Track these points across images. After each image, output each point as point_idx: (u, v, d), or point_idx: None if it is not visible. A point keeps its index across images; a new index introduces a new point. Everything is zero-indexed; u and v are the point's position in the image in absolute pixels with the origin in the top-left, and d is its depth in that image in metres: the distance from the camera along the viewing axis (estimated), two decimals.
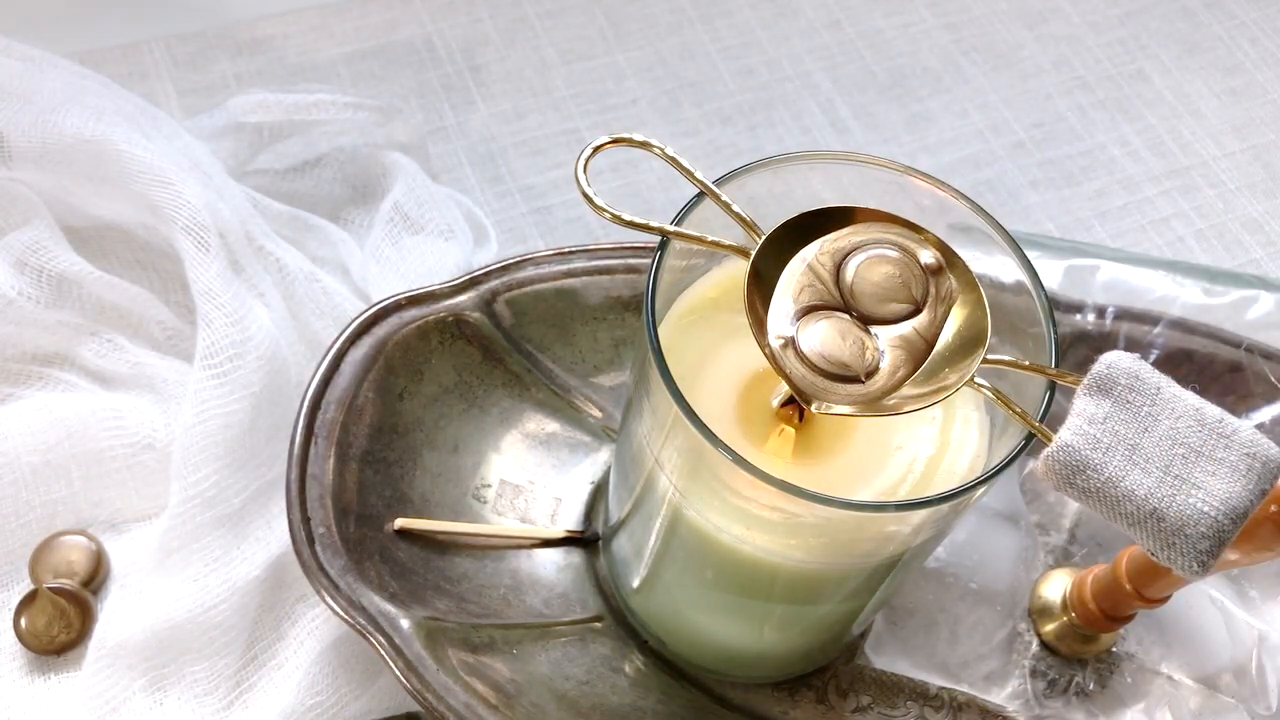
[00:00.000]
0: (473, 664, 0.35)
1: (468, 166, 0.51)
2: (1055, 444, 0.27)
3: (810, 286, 0.28)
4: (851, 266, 0.28)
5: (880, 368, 0.27)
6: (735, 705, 0.38)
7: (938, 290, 0.28)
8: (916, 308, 0.28)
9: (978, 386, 0.28)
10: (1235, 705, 0.38)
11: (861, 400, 0.27)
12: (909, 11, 0.58)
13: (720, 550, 0.31)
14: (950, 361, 0.27)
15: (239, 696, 0.37)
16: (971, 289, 0.28)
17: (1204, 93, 0.56)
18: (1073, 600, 0.38)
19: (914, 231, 0.28)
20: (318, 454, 0.37)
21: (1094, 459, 0.26)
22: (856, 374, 0.27)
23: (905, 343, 0.27)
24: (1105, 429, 0.27)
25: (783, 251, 0.28)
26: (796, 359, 0.27)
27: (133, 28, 0.52)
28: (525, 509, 0.40)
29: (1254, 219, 0.53)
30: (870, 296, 0.28)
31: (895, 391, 0.27)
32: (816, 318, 0.27)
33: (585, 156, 0.29)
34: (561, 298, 0.41)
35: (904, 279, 0.28)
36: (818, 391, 0.27)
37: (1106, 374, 0.27)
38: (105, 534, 0.40)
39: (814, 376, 0.27)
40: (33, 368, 0.41)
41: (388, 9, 0.55)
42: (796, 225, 0.28)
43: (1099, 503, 0.27)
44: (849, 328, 0.27)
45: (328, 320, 0.42)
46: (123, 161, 0.40)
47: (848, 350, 0.27)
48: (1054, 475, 0.27)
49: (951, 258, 0.28)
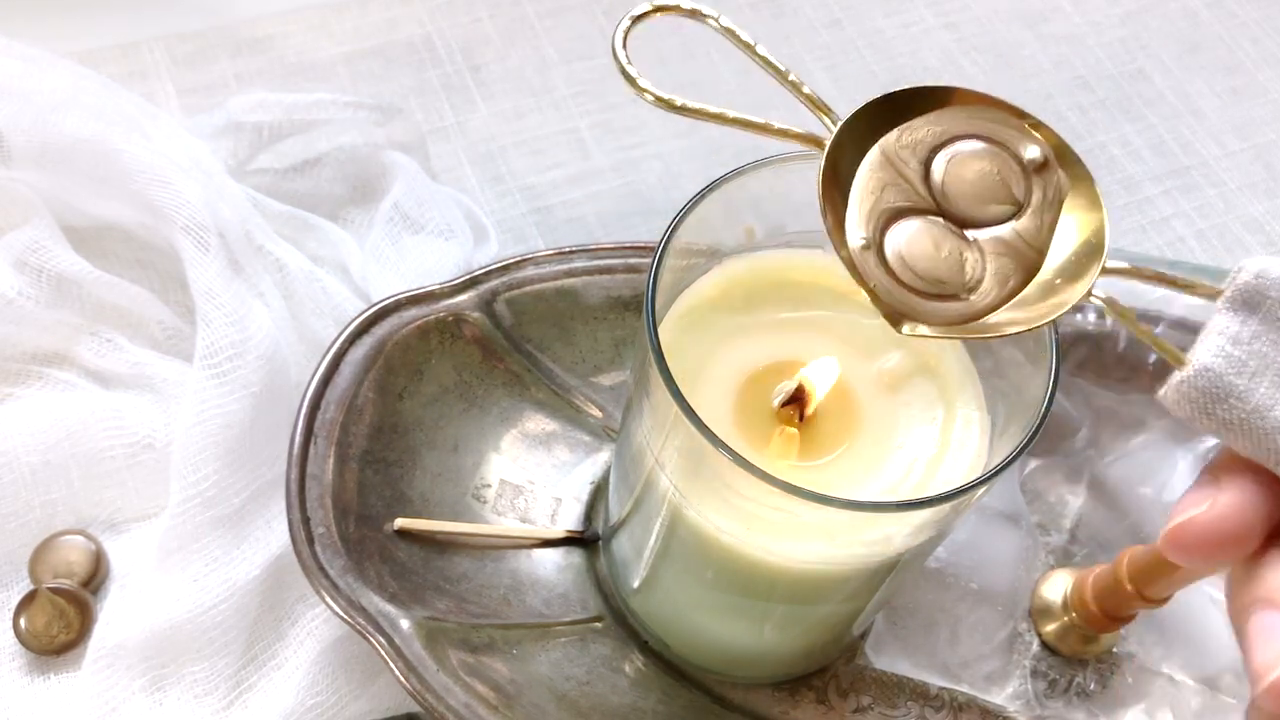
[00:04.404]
0: (473, 664, 0.35)
1: (467, 166, 0.51)
2: (1191, 368, 0.23)
3: (894, 185, 0.23)
4: (940, 163, 0.24)
5: (982, 283, 0.23)
6: (735, 705, 0.38)
7: (1044, 189, 0.24)
8: (1018, 209, 0.24)
9: (1096, 301, 0.24)
10: (1236, 706, 0.38)
11: (960, 321, 0.23)
12: (909, 11, 0.58)
13: (720, 550, 0.31)
14: (1062, 272, 0.23)
15: (239, 697, 0.37)
16: (1084, 184, 0.24)
17: (1205, 92, 0.56)
18: (1073, 600, 0.38)
19: (1016, 117, 0.24)
20: (317, 454, 0.37)
21: (1238, 385, 0.23)
22: (954, 290, 0.23)
23: (1010, 250, 0.23)
24: (1251, 350, 0.23)
25: (862, 140, 0.24)
26: (882, 270, 0.23)
27: (132, 27, 0.52)
28: (525, 509, 0.40)
29: (1255, 219, 0.53)
30: (966, 197, 0.23)
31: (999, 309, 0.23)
32: (904, 222, 0.23)
33: (624, 28, 0.26)
34: (561, 297, 0.41)
35: (1002, 176, 0.24)
36: (908, 309, 0.23)
37: (1254, 286, 0.23)
38: (105, 534, 0.40)
39: (902, 291, 0.23)
40: (32, 367, 0.41)
41: (387, 8, 0.55)
42: (875, 110, 0.24)
43: (1242, 436, 0.23)
44: (944, 235, 0.23)
45: (327, 320, 0.42)
46: (122, 161, 0.40)
47: (943, 262, 0.23)
48: (1188, 405, 0.23)
49: (1062, 148, 0.24)
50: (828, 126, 0.25)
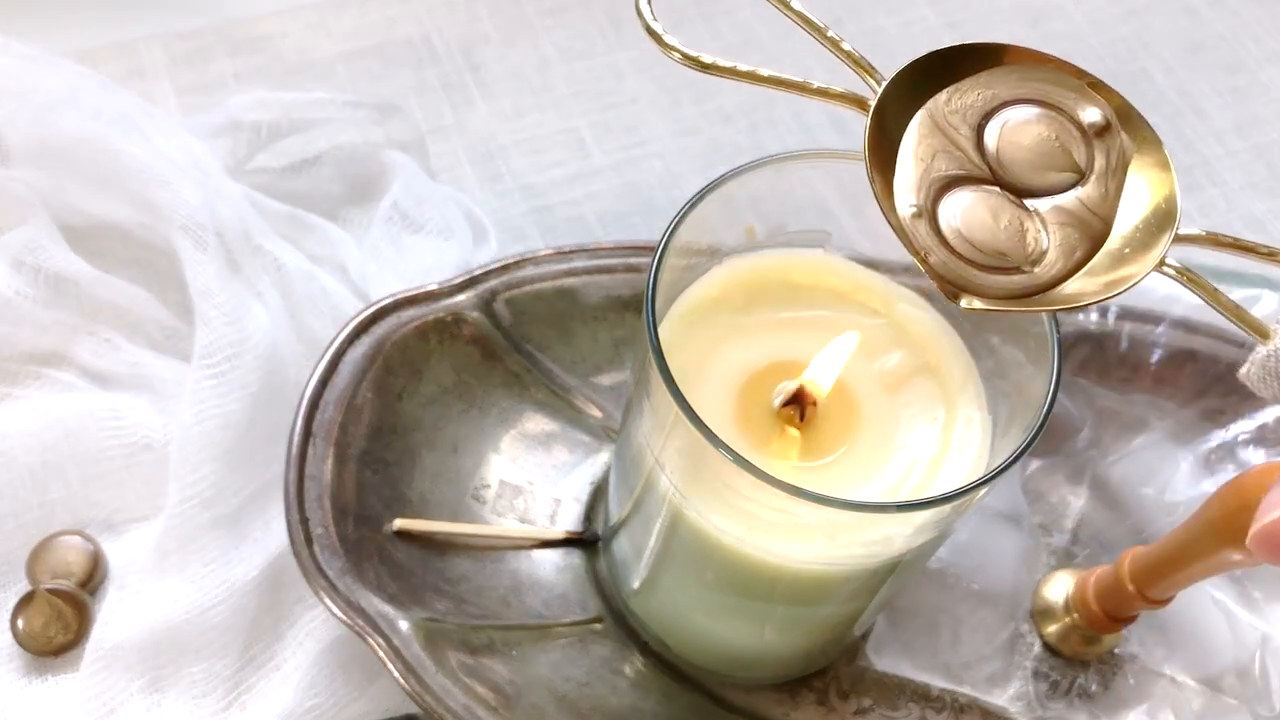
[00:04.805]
0: (472, 665, 0.35)
1: (467, 165, 0.50)
2: (1275, 341, 0.22)
3: (946, 153, 0.22)
4: (994, 129, 0.23)
5: (1045, 254, 0.22)
6: (736, 707, 0.37)
7: (1107, 154, 0.22)
8: (1080, 176, 0.22)
9: (1169, 271, 0.23)
10: (1238, 707, 0.38)
11: (1023, 294, 0.21)
12: (910, 9, 0.58)
13: (721, 551, 0.30)
14: (1131, 241, 0.22)
15: (237, 698, 0.37)
16: (1152, 147, 0.23)
17: (1206, 91, 0.56)
18: (1075, 601, 0.38)
19: (1074, 76, 0.23)
20: (316, 454, 0.37)
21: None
22: (1017, 263, 0.22)
23: (1074, 219, 0.22)
24: None
25: (908, 102, 0.23)
26: (935, 239, 0.22)
27: (131, 26, 0.52)
28: (525, 509, 0.40)
29: (1257, 218, 0.53)
30: (1024, 165, 0.22)
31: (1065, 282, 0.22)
32: (958, 191, 0.22)
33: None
34: (561, 297, 0.41)
35: (1061, 141, 0.22)
36: (965, 281, 0.21)
37: None
38: (103, 534, 0.40)
39: (958, 263, 0.22)
40: (30, 367, 0.41)
41: (386, 7, 0.54)
42: (921, 70, 0.23)
43: None
44: (1003, 204, 0.22)
45: (326, 320, 0.42)
46: (120, 160, 0.40)
47: (1003, 233, 0.22)
48: (1275, 381, 0.22)
49: (1126, 110, 0.23)
50: (872, 87, 0.24)
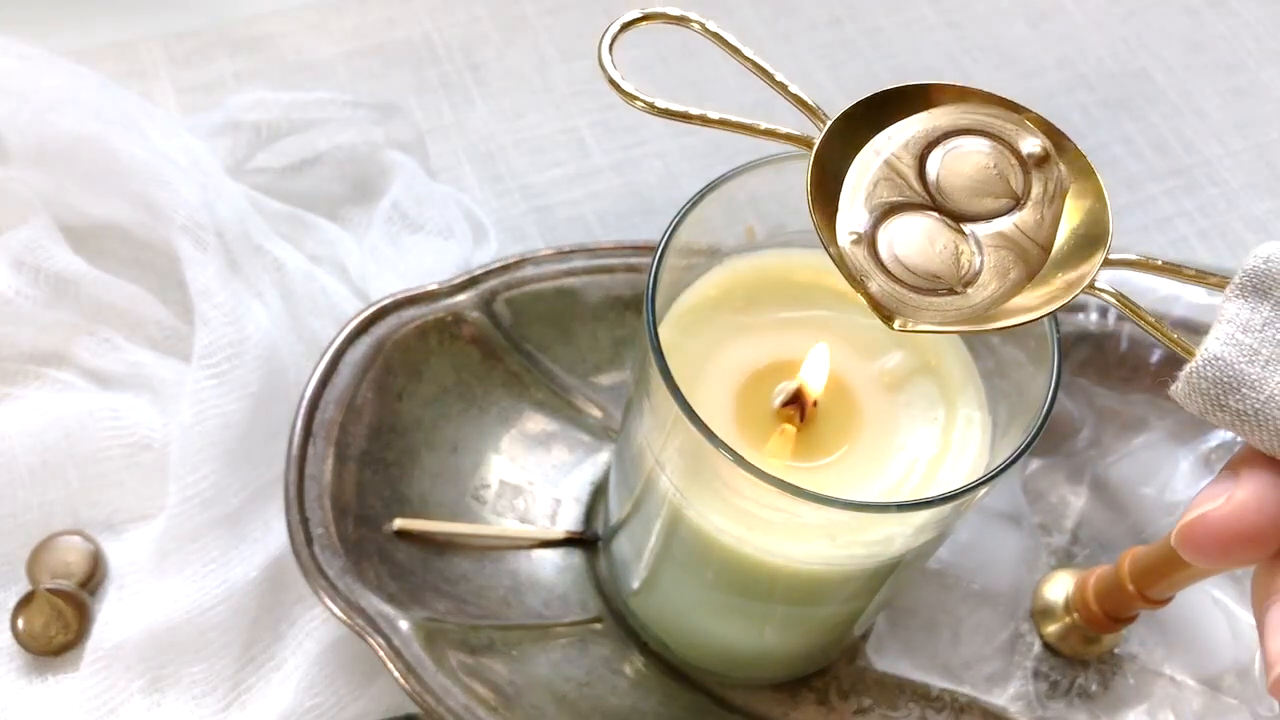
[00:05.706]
0: (472, 665, 0.35)
1: (467, 165, 0.50)
2: (1200, 358, 0.23)
3: (887, 180, 0.23)
4: (936, 158, 0.24)
5: (978, 276, 0.23)
6: (736, 707, 0.37)
7: (1045, 183, 0.24)
8: (1016, 202, 0.23)
9: (1098, 292, 0.24)
10: (1238, 706, 0.38)
11: (957, 316, 0.22)
12: (911, 9, 0.58)
13: (721, 551, 0.30)
14: (1065, 265, 0.23)
15: (237, 698, 0.37)
16: (1086, 176, 0.24)
17: (1207, 91, 0.56)
18: (1075, 601, 0.38)
19: (1011, 111, 0.24)
20: (316, 454, 0.37)
21: (1250, 374, 0.22)
22: (950, 285, 0.23)
23: (1010, 243, 0.23)
24: (1264, 338, 0.22)
25: (852, 139, 0.24)
26: (873, 265, 0.23)
27: (130, 26, 0.52)
28: (525, 509, 0.40)
29: (1257, 218, 0.53)
30: (962, 191, 0.23)
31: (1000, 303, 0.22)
32: (897, 218, 0.23)
33: (612, 33, 0.25)
34: (561, 297, 0.41)
35: (1000, 170, 0.23)
36: (901, 304, 0.22)
37: (1264, 271, 0.23)
38: (103, 534, 0.40)
39: (894, 287, 0.22)
40: (30, 367, 0.41)
41: (386, 7, 0.54)
42: (867, 108, 0.24)
43: (1257, 428, 0.22)
44: (939, 229, 0.23)
45: (326, 319, 0.42)
46: (120, 160, 0.40)
47: (937, 256, 0.23)
48: (1199, 397, 0.23)
49: (1060, 140, 0.24)
50: (816, 126, 0.25)
